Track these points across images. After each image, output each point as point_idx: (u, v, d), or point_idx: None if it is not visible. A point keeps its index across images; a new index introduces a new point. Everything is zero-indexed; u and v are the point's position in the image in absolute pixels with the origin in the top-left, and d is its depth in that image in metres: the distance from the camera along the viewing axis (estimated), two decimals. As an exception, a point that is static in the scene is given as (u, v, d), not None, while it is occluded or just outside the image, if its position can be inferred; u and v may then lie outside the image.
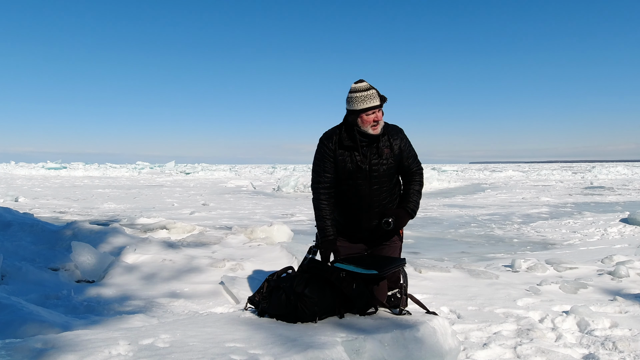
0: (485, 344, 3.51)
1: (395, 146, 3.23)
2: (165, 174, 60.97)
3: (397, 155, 3.24)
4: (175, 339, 2.45)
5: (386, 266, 3.06)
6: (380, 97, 3.11)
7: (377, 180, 3.21)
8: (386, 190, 3.26)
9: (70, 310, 4.20)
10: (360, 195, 3.23)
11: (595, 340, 3.57)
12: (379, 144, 3.19)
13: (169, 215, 13.32)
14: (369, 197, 3.23)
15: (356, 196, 3.24)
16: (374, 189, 3.22)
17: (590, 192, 26.73)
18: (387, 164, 3.20)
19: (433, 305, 4.22)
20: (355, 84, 3.15)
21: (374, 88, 3.14)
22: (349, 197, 3.26)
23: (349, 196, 3.26)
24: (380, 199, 3.26)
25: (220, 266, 5.62)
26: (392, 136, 3.23)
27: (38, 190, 28.47)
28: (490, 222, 13.91)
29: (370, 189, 3.21)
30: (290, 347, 2.36)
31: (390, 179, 3.27)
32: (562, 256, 7.57)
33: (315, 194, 3.29)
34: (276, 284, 2.99)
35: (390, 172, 3.25)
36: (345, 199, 3.28)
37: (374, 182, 3.21)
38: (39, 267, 5.40)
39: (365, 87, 3.13)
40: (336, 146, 3.20)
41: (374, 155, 3.18)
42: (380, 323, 2.80)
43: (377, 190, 3.23)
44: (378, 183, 3.22)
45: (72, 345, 2.31)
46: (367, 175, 3.19)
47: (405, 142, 3.29)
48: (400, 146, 3.25)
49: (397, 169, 3.30)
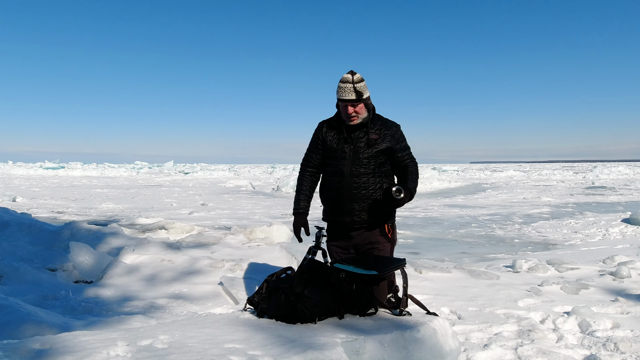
0: (486, 345, 3.51)
1: (385, 136, 3.34)
2: (163, 174, 60.94)
3: (386, 144, 3.33)
4: (174, 339, 2.45)
5: (386, 267, 3.07)
6: (356, 93, 3.22)
7: (358, 162, 3.30)
8: (369, 175, 3.32)
9: (68, 311, 4.20)
10: (342, 175, 3.33)
11: (596, 341, 3.57)
12: (369, 129, 3.32)
13: (167, 216, 13.31)
14: (350, 178, 3.31)
15: (338, 176, 3.35)
16: (355, 171, 3.31)
17: (592, 192, 26.73)
18: (372, 149, 3.30)
19: (433, 306, 4.22)
20: (346, 74, 3.28)
21: (357, 82, 3.23)
22: (332, 178, 3.39)
23: (332, 176, 3.39)
24: (361, 182, 3.31)
25: (219, 266, 5.61)
26: (385, 126, 3.37)
27: (36, 190, 28.46)
28: (491, 222, 13.91)
29: (350, 171, 3.31)
30: (290, 348, 2.36)
31: (375, 167, 3.32)
32: (564, 256, 7.58)
33: (301, 172, 3.57)
34: (275, 285, 2.99)
35: (375, 160, 3.32)
36: (329, 181, 3.42)
37: (356, 163, 3.30)
38: (37, 267, 5.41)
39: (345, 79, 3.25)
40: (327, 128, 3.42)
41: (362, 139, 3.31)
42: (380, 324, 2.80)
43: (358, 173, 3.30)
44: (360, 166, 3.30)
45: (70, 346, 2.31)
46: (351, 156, 3.31)
47: (398, 135, 3.40)
48: (391, 136, 3.35)
49: (386, 159, 3.37)
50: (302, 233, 3.52)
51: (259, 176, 57.78)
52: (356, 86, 3.22)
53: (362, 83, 3.25)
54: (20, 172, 62.44)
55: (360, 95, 3.23)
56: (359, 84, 3.23)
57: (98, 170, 65.61)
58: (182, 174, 60.65)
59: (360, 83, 3.24)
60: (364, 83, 3.26)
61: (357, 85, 3.22)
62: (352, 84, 3.22)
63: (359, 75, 3.28)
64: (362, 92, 3.24)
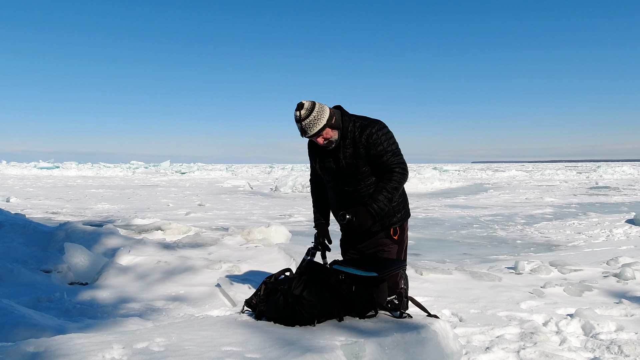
0: (487, 347, 3.51)
1: (359, 144, 3.18)
2: (160, 174, 60.91)
3: (363, 152, 3.19)
4: (170, 342, 2.45)
5: (386, 268, 3.07)
6: (310, 129, 3.06)
7: (343, 180, 3.28)
8: (359, 186, 3.27)
9: (63, 313, 4.20)
10: (335, 192, 3.37)
11: (600, 344, 3.58)
12: (345, 143, 3.21)
13: (164, 216, 13.30)
14: (342, 196, 3.33)
15: (332, 191, 3.41)
16: (343, 189, 3.30)
17: (596, 192, 26.75)
18: (350, 163, 3.22)
19: (434, 308, 4.23)
20: (295, 111, 3.10)
21: (305, 119, 3.05)
22: (329, 192, 3.47)
23: (329, 190, 3.46)
24: (353, 196, 3.30)
25: (216, 268, 5.62)
26: (361, 133, 3.18)
27: (30, 190, 28.43)
28: (493, 223, 13.92)
29: (340, 187, 3.31)
30: (288, 350, 2.36)
31: (362, 177, 3.25)
32: (567, 258, 7.59)
33: (311, 188, 3.66)
34: (274, 287, 2.99)
35: (358, 172, 3.22)
36: (329, 195, 3.51)
37: (341, 181, 3.29)
38: (31, 269, 5.40)
39: (298, 117, 3.08)
40: (311, 147, 3.42)
41: (339, 155, 3.24)
42: (381, 326, 2.80)
43: (348, 188, 3.29)
44: (346, 184, 3.28)
45: (65, 349, 2.30)
46: (335, 176, 3.30)
47: (376, 137, 3.17)
48: (368, 142, 3.17)
49: (372, 167, 3.24)
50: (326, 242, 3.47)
51: (257, 176, 57.78)
52: (304, 124, 3.06)
53: (311, 116, 3.05)
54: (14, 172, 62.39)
55: (317, 127, 3.07)
56: (307, 121, 3.05)
57: (93, 170, 65.57)
58: (178, 173, 60.63)
59: (309, 118, 3.05)
60: (314, 114, 3.06)
61: (305, 123, 3.06)
62: (300, 123, 3.08)
63: (307, 105, 3.08)
64: (316, 124, 3.06)
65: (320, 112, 3.09)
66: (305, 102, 3.11)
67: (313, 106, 3.08)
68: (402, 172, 3.21)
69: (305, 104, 3.09)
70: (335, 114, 3.18)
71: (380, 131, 3.19)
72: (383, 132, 3.20)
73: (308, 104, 3.09)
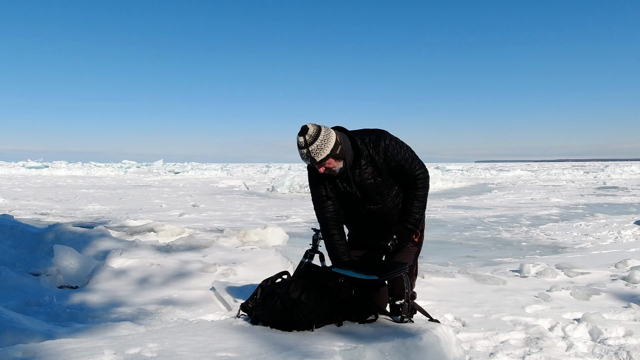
0: (491, 353, 3.51)
1: (379, 160, 3.12)
2: (153, 174, 60.87)
3: (384, 166, 3.14)
4: (163, 348, 2.45)
5: (387, 271, 3.07)
6: (316, 156, 2.94)
7: (369, 199, 3.21)
8: (385, 203, 3.24)
9: (52, 318, 4.19)
10: (360, 214, 3.28)
11: (608, 349, 3.58)
12: (361, 164, 3.12)
13: (157, 217, 13.30)
14: (369, 215, 3.26)
15: (358, 218, 3.30)
16: (370, 209, 3.24)
17: (603, 192, 26.80)
18: (374, 182, 3.16)
19: (436, 312, 4.23)
20: (298, 136, 2.98)
21: (310, 144, 2.93)
22: (353, 219, 3.34)
23: (353, 218, 3.34)
24: (383, 215, 3.26)
25: (211, 271, 5.61)
26: (374, 149, 3.12)
27: (18, 190, 28.40)
28: (497, 224, 13.94)
29: (365, 209, 3.24)
30: (286, 357, 2.36)
31: (387, 193, 3.23)
32: (573, 260, 7.59)
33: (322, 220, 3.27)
34: (271, 290, 3.00)
35: (382, 187, 3.20)
36: (351, 219, 3.36)
37: (367, 201, 3.22)
38: (19, 271, 5.39)
39: (299, 144, 2.97)
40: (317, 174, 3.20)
41: (356, 178, 3.14)
42: (381, 331, 2.80)
43: (375, 209, 3.24)
44: (372, 202, 3.22)
45: (54, 355, 2.30)
46: (358, 199, 3.21)
47: (392, 149, 3.13)
48: (386, 155, 3.12)
49: (394, 178, 3.22)
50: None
51: (253, 176, 57.77)
52: (311, 150, 2.92)
53: (315, 144, 2.92)
54: (2, 171, 62.34)
55: (321, 156, 2.95)
56: (310, 148, 2.92)
57: (84, 169, 65.52)
58: (172, 173, 60.62)
59: (315, 143, 2.92)
60: (320, 140, 2.93)
61: (311, 148, 2.92)
62: (305, 149, 2.94)
63: (312, 131, 2.94)
64: (320, 153, 2.93)
65: (325, 139, 2.94)
66: (309, 126, 2.96)
67: (318, 132, 2.94)
68: (424, 177, 3.23)
69: (310, 129, 2.94)
70: (341, 140, 3.04)
71: (392, 140, 3.16)
72: (394, 140, 3.18)
73: (313, 129, 2.94)
